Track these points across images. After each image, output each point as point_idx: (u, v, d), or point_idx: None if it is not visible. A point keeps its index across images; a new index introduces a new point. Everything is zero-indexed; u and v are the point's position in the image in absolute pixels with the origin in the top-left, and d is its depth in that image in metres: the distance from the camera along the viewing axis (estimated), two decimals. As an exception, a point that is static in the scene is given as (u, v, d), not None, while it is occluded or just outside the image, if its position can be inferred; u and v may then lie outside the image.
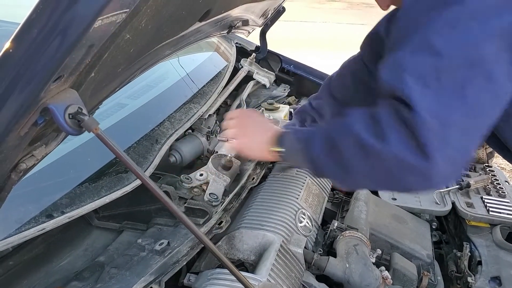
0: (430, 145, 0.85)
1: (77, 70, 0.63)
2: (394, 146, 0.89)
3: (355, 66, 1.55)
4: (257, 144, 1.22)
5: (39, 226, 1.02)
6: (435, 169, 0.87)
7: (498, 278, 1.39)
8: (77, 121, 0.65)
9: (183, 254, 1.18)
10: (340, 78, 1.59)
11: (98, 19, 0.56)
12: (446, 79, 0.86)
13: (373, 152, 0.92)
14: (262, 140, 1.20)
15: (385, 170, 0.94)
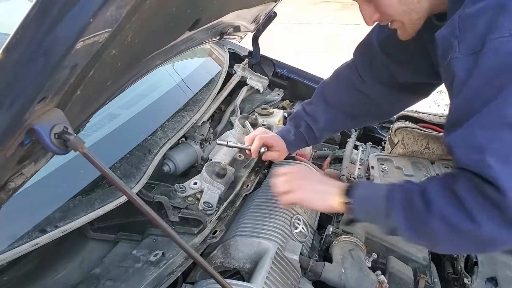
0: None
1: (61, 90, 0.63)
2: (486, 228, 0.90)
3: (348, 72, 1.56)
4: (322, 194, 1.20)
5: (32, 241, 1.01)
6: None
7: (494, 279, 1.39)
8: (63, 141, 0.65)
9: (178, 265, 1.18)
10: (333, 84, 1.60)
11: (80, 41, 0.56)
12: None
13: (463, 231, 0.94)
14: (327, 191, 1.19)
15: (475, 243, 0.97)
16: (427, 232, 1.02)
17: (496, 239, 0.92)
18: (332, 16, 11.24)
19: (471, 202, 0.92)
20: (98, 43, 0.62)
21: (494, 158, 0.86)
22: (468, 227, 0.92)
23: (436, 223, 0.97)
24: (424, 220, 0.99)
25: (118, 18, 0.61)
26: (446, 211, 0.95)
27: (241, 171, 1.58)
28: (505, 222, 0.88)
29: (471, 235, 0.94)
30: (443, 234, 0.98)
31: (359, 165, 2.00)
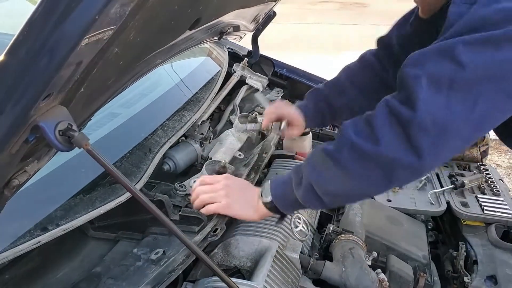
0: (423, 148, 0.91)
1: (66, 87, 0.64)
2: (388, 148, 0.93)
3: (373, 59, 1.54)
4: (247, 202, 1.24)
5: (34, 240, 1.02)
6: (425, 166, 0.95)
7: (494, 277, 1.40)
8: (68, 138, 0.66)
9: (179, 263, 1.18)
10: (358, 68, 1.58)
11: (85, 38, 0.56)
12: (459, 89, 0.90)
13: (366, 153, 0.96)
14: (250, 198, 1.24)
15: (376, 169, 0.97)
16: (336, 174, 1.03)
17: (395, 160, 0.94)
18: (331, 16, 11.26)
19: (379, 123, 0.95)
20: (103, 40, 0.62)
21: (428, 81, 0.91)
22: (370, 147, 0.95)
23: (343, 155, 1.00)
24: (333, 160, 1.02)
25: (122, 16, 0.62)
26: (352, 138, 0.98)
27: (241, 169, 1.58)
28: (406, 144, 0.91)
29: (374, 158, 0.96)
30: (350, 165, 1.00)
31: (359, 164, 2.00)
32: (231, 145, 1.69)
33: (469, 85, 0.90)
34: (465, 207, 1.65)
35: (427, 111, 0.90)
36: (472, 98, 0.89)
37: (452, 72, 0.90)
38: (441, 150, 0.93)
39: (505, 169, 4.14)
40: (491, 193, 1.73)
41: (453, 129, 0.91)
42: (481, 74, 0.89)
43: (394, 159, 0.94)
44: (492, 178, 1.82)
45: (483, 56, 0.88)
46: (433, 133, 0.90)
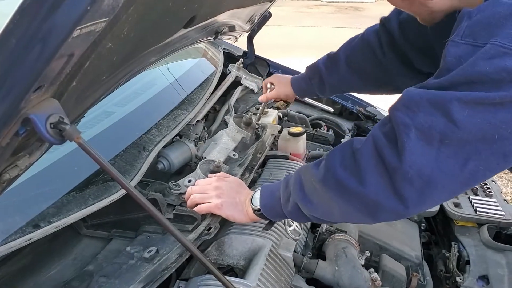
0: (407, 197, 0.90)
1: (57, 79, 0.63)
2: (372, 190, 0.92)
3: (373, 39, 1.52)
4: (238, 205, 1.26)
5: (26, 236, 1.01)
6: (409, 213, 0.93)
7: (486, 277, 1.41)
8: (59, 131, 0.65)
9: (172, 261, 1.17)
10: (357, 46, 1.58)
11: (77, 29, 0.56)
12: (451, 146, 0.86)
13: (348, 190, 0.96)
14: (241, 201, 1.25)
15: (360, 207, 0.97)
16: (321, 201, 1.04)
17: (379, 204, 0.93)
18: (327, 19, 11.30)
19: (364, 162, 0.94)
20: (95, 32, 0.62)
21: (418, 132, 0.87)
22: (355, 186, 0.94)
23: (328, 186, 1.00)
24: (318, 189, 1.02)
25: (115, 8, 0.62)
26: (336, 172, 0.97)
27: (235, 169, 1.58)
28: (391, 191, 0.90)
29: (358, 197, 0.95)
30: (335, 199, 1.00)
31: (353, 165, 2.00)
32: (226, 145, 1.69)
33: (462, 143, 0.85)
34: (457, 208, 1.65)
35: (413, 163, 0.87)
36: (463, 157, 0.86)
37: (444, 128, 0.85)
38: (425, 201, 0.91)
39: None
40: (483, 194, 1.74)
41: (439, 184, 0.88)
42: (476, 134, 0.84)
43: (378, 202, 0.93)
44: (485, 179, 1.83)
45: (479, 117, 0.82)
46: (418, 185, 0.88)
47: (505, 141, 0.83)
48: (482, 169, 0.87)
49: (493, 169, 0.88)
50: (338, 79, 1.60)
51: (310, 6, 13.08)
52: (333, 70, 1.59)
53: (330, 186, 0.99)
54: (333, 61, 1.61)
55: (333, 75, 1.60)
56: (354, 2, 13.52)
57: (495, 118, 0.81)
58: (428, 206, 0.93)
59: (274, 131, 1.96)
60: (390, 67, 1.49)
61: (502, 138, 0.82)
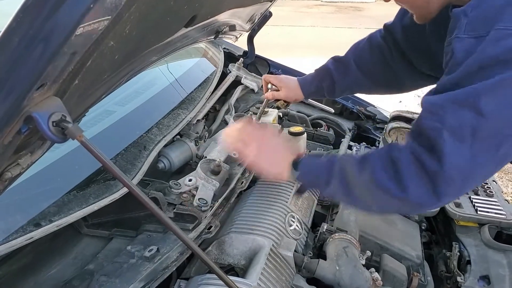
0: (446, 194, 0.96)
1: (60, 77, 0.63)
2: (413, 195, 0.97)
3: (381, 41, 1.53)
4: (273, 165, 1.23)
5: (27, 235, 1.01)
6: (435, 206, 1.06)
7: (487, 277, 1.40)
8: (61, 129, 0.65)
9: (173, 260, 1.18)
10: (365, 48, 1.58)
11: (80, 27, 0.56)
12: (483, 138, 0.89)
13: (390, 195, 1.00)
14: (278, 163, 1.22)
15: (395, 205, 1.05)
16: (361, 196, 1.09)
17: (421, 205, 1.00)
18: (327, 19, 11.30)
19: (405, 170, 0.98)
20: (98, 30, 0.62)
21: (450, 133, 0.90)
22: (396, 193, 0.99)
23: (370, 188, 1.04)
24: (360, 185, 1.07)
25: (118, 6, 0.62)
26: (380, 177, 1.01)
27: (236, 168, 1.58)
28: (433, 194, 0.95)
29: (401, 201, 1.00)
30: (376, 198, 1.05)
31: (353, 164, 2.00)
32: (226, 144, 1.69)
33: (492, 133, 0.89)
34: (458, 207, 1.65)
35: (454, 165, 0.91)
36: (495, 145, 0.90)
37: (474, 122, 0.88)
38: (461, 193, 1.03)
39: (498, 172, 4.16)
40: (484, 194, 1.74)
41: (476, 176, 0.95)
42: (503, 120, 0.87)
43: (420, 204, 0.99)
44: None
45: (503, 102, 0.86)
46: (459, 183, 0.94)
47: None
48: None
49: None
50: (349, 81, 1.60)
51: (310, 6, 13.08)
52: (344, 73, 1.59)
53: (373, 190, 1.03)
54: (343, 65, 1.60)
55: (345, 78, 1.59)
56: (354, 2, 13.53)
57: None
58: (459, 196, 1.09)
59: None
60: (398, 69, 1.50)
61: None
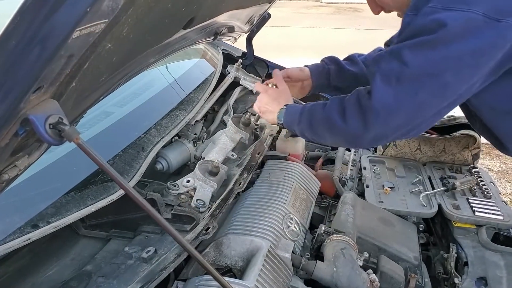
0: (373, 125, 1.23)
1: (57, 80, 0.63)
2: (351, 125, 1.27)
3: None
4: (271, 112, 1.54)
5: (24, 236, 1.01)
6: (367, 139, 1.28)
7: (484, 279, 1.41)
8: (58, 131, 0.65)
9: (170, 261, 1.18)
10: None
11: (76, 30, 0.56)
12: (404, 82, 1.17)
13: (337, 126, 1.30)
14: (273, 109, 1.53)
15: (341, 137, 1.36)
16: (319, 130, 1.38)
17: (357, 134, 1.27)
18: (326, 20, 11.31)
19: (347, 106, 1.28)
20: (95, 33, 0.62)
21: (381, 76, 1.20)
22: (339, 123, 1.29)
23: (324, 122, 1.35)
24: (318, 121, 1.36)
25: (115, 9, 0.62)
26: (331, 113, 1.32)
27: (234, 169, 1.59)
28: (364, 123, 1.23)
29: (342, 130, 1.30)
30: (328, 130, 1.35)
31: (351, 166, 2.01)
32: (224, 145, 1.70)
33: (411, 79, 1.16)
34: (456, 209, 1.65)
35: (380, 100, 1.19)
36: (414, 89, 1.16)
37: (398, 69, 1.16)
38: (388, 126, 1.23)
39: (496, 174, 4.17)
40: (482, 196, 1.74)
41: (398, 113, 1.20)
42: (421, 70, 1.15)
43: (355, 134, 1.28)
44: (483, 181, 1.83)
45: (422, 56, 1.13)
46: (383, 116, 1.20)
47: (442, 74, 1.13)
48: (428, 98, 1.18)
49: (437, 96, 1.18)
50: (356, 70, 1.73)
51: (309, 7, 13.09)
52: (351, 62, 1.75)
53: (326, 123, 1.34)
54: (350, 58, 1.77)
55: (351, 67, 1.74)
56: (353, 3, 13.52)
57: (432, 56, 1.12)
58: (392, 131, 1.26)
59: (273, 131, 1.97)
60: None
61: (439, 71, 1.13)
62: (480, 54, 1.11)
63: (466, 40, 1.09)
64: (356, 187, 1.89)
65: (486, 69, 1.15)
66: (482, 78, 1.17)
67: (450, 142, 1.97)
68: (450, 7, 1.10)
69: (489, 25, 1.07)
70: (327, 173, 1.92)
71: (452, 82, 1.15)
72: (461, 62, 1.12)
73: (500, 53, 1.11)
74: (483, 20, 1.07)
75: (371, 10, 1.45)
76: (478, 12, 1.07)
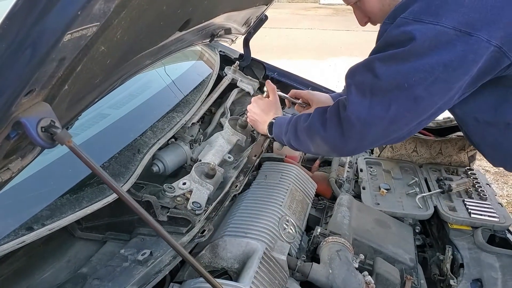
0: (350, 137, 1.25)
1: (49, 83, 0.63)
2: (329, 135, 1.30)
3: None
4: (261, 123, 1.65)
5: (19, 239, 1.01)
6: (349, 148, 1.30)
7: (479, 281, 1.41)
8: (50, 134, 0.65)
9: (166, 264, 1.17)
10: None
11: (67, 34, 0.56)
12: (378, 95, 1.17)
13: (318, 135, 1.34)
14: (264, 121, 1.63)
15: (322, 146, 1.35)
16: (303, 139, 1.41)
17: (336, 144, 1.30)
18: (324, 22, 11.31)
19: (328, 116, 1.31)
20: (86, 37, 0.62)
21: (355, 88, 1.21)
22: (320, 132, 1.32)
23: (307, 131, 1.38)
24: (302, 130, 1.40)
25: (107, 13, 0.62)
26: (314, 122, 1.35)
27: (230, 171, 1.59)
28: (341, 135, 1.25)
29: (323, 139, 1.32)
30: (310, 138, 1.38)
31: (348, 168, 2.01)
32: (221, 148, 1.70)
33: (384, 92, 1.16)
34: (452, 211, 1.66)
35: (355, 112, 1.20)
36: (387, 102, 1.16)
37: (371, 81, 1.16)
38: (364, 139, 1.24)
39: (493, 175, 4.17)
40: (478, 198, 1.74)
41: (373, 126, 1.20)
42: (392, 83, 1.13)
43: (335, 144, 1.30)
44: (479, 183, 1.84)
45: (393, 69, 1.13)
46: (358, 127, 1.21)
47: (413, 88, 1.11)
48: (402, 111, 1.16)
49: (410, 110, 1.17)
50: None
51: (307, 8, 13.10)
52: None
53: (309, 132, 1.38)
54: None
55: None
56: (351, 5, 13.48)
57: (403, 69, 1.11)
58: (367, 143, 1.27)
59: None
60: None
61: (410, 85, 1.11)
62: (452, 68, 1.08)
63: (436, 54, 1.07)
64: (353, 189, 1.90)
65: (462, 83, 1.13)
66: (459, 92, 1.16)
67: (446, 144, 1.97)
68: (420, 19, 1.08)
69: (460, 39, 1.05)
70: (323, 174, 1.92)
71: (424, 96, 1.13)
72: (433, 76, 1.09)
73: (474, 68, 1.09)
74: (454, 34, 1.05)
75: (358, 21, 1.44)
76: (448, 25, 1.05)
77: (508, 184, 4.06)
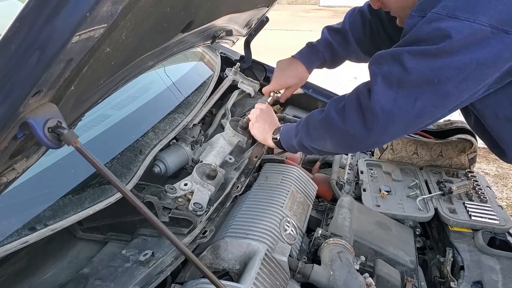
0: (372, 128, 1.22)
1: (56, 84, 0.64)
2: (350, 126, 1.26)
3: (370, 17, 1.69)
4: (264, 131, 1.65)
5: (22, 239, 1.01)
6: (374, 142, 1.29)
7: (480, 283, 1.41)
8: (57, 135, 0.65)
9: (167, 264, 1.18)
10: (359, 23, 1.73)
11: (76, 35, 0.56)
12: (405, 88, 1.15)
13: (335, 126, 1.30)
14: (267, 130, 1.64)
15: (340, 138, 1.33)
16: (318, 136, 1.39)
17: (356, 136, 1.26)
18: (324, 23, 11.32)
19: (347, 104, 1.27)
20: (94, 38, 0.62)
21: (382, 78, 1.18)
22: (339, 123, 1.28)
23: (322, 124, 1.35)
24: (316, 126, 1.38)
25: (114, 14, 0.62)
26: (330, 112, 1.32)
27: (232, 172, 1.59)
28: (363, 126, 1.22)
29: (341, 131, 1.29)
30: (327, 131, 1.35)
31: (349, 169, 2.01)
32: (222, 149, 1.70)
33: (412, 86, 1.14)
34: (452, 213, 1.66)
35: (379, 103, 1.18)
36: (414, 96, 1.15)
37: (400, 74, 1.15)
38: (387, 131, 1.22)
39: (493, 178, 4.18)
40: (478, 200, 1.75)
41: (396, 117, 1.18)
42: (422, 78, 1.13)
43: (355, 136, 1.26)
44: (479, 185, 1.84)
45: (424, 64, 1.11)
46: (382, 119, 1.19)
47: (442, 84, 1.11)
48: (428, 106, 1.16)
49: (436, 106, 1.17)
50: (349, 52, 1.76)
51: (307, 10, 13.12)
52: (345, 43, 1.76)
53: (325, 125, 1.34)
54: (343, 36, 1.76)
55: (345, 49, 1.76)
56: (350, 7, 13.53)
57: (434, 65, 1.10)
58: (389, 136, 1.27)
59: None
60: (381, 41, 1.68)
61: (440, 81, 1.11)
62: (485, 66, 1.07)
63: (470, 52, 1.06)
64: (353, 191, 1.90)
65: (490, 80, 1.13)
66: (485, 87, 1.16)
67: (447, 146, 1.97)
68: (455, 15, 1.06)
69: (496, 36, 1.03)
70: (324, 176, 1.92)
71: (453, 92, 1.13)
72: (464, 73, 1.09)
73: (506, 65, 1.09)
74: (490, 31, 1.03)
75: (371, 2, 1.43)
76: (485, 23, 1.03)
77: (508, 187, 4.07)
